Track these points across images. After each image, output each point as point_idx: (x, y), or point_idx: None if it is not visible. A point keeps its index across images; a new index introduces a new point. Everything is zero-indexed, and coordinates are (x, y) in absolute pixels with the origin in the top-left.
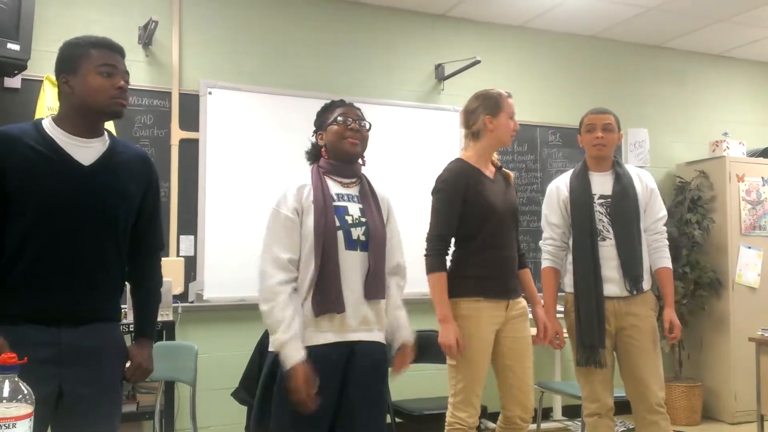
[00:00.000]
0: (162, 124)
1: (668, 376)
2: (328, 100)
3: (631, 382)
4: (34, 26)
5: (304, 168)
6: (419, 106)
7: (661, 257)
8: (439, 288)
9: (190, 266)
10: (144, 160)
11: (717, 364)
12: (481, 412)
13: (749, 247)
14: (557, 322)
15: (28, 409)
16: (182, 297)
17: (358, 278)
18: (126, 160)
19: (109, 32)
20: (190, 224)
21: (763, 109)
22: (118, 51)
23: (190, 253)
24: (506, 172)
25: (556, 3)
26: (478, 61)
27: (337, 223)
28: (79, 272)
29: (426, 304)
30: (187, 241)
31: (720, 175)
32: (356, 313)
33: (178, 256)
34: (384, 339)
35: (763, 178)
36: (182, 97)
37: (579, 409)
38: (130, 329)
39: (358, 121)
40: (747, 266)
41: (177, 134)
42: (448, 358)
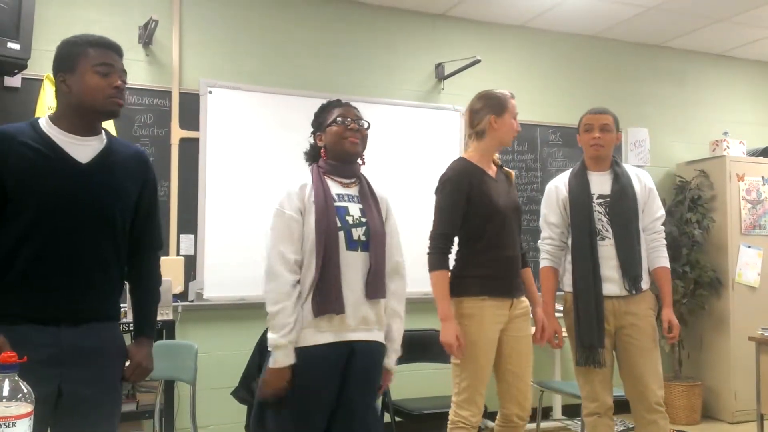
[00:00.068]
0: (162, 124)
1: (668, 376)
2: (328, 100)
3: (631, 382)
4: (35, 26)
5: (304, 168)
6: (419, 106)
7: (659, 257)
8: (441, 286)
9: (190, 265)
10: (140, 158)
11: (717, 364)
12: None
13: (749, 247)
14: (556, 322)
15: (27, 408)
16: (182, 296)
17: (358, 278)
18: (123, 159)
19: (109, 32)
20: (190, 223)
21: (763, 109)
22: (116, 50)
23: (190, 253)
24: (507, 171)
25: (556, 3)
26: (479, 61)
27: (339, 224)
28: (78, 271)
29: (426, 303)
30: (187, 241)
31: (720, 175)
32: (356, 313)
33: (178, 255)
34: (384, 339)
35: (763, 178)
36: (182, 96)
37: (579, 409)
38: (130, 328)
39: (357, 121)
40: (747, 265)
41: (177, 133)
42: (452, 357)
